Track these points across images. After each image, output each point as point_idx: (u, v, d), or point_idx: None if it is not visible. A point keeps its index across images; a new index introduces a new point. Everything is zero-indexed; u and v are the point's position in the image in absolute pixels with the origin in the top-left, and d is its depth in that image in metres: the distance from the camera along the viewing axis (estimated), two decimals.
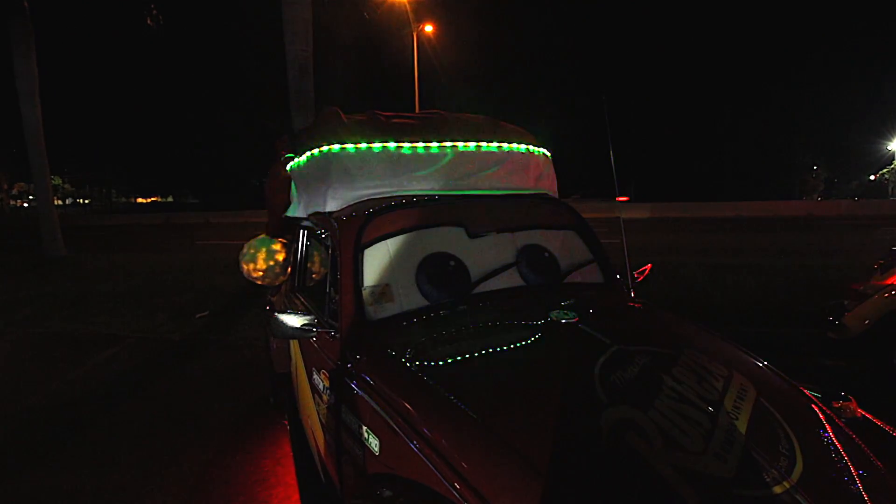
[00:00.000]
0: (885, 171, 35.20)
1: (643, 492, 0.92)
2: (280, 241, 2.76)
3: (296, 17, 8.76)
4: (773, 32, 35.07)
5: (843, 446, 1.12)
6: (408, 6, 19.32)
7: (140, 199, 61.50)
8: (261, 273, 2.69)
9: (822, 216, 22.25)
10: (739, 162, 35.64)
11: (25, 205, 56.85)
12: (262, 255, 2.67)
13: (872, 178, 38.25)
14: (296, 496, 2.44)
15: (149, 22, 11.61)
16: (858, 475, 1.04)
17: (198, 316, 6.25)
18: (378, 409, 1.31)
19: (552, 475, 0.94)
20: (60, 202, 52.26)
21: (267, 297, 3.51)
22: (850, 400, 1.36)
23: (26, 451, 3.03)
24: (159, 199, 60.79)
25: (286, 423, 3.17)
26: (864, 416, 1.37)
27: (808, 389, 1.38)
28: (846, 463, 1.07)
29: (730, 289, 6.66)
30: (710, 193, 29.50)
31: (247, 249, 2.73)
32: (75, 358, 4.82)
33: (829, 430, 1.17)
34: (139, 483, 2.64)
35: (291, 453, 2.84)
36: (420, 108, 20.42)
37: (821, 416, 1.22)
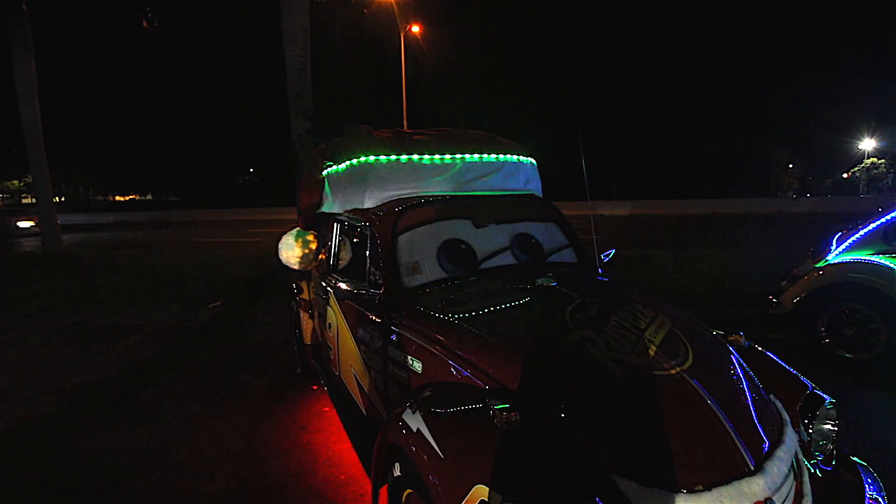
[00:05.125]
0: (856, 168, 36.70)
1: (592, 370, 1.56)
2: (313, 233, 3.32)
3: (294, 23, 9.17)
4: (750, 32, 36.33)
5: (724, 355, 1.75)
6: (395, 7, 19.79)
7: (118, 198, 60.30)
8: (297, 259, 3.24)
9: (794, 213, 23.37)
10: (717, 160, 36.89)
11: None
12: (298, 244, 3.22)
13: (845, 176, 39.74)
14: (333, 438, 3.00)
15: (144, 24, 11.93)
16: (731, 369, 1.68)
17: (211, 306, 6.70)
18: (419, 342, 1.91)
19: (538, 365, 1.56)
20: (36, 200, 51.12)
21: (294, 282, 4.06)
22: (741, 335, 1.99)
23: (88, 417, 3.45)
24: (138, 198, 59.73)
25: (314, 387, 3.73)
26: (751, 345, 2.01)
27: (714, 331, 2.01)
28: (724, 363, 1.70)
29: (694, 276, 7.40)
30: (689, 191, 30.67)
31: (286, 239, 3.28)
32: (103, 343, 5.19)
33: (716, 346, 1.80)
34: (198, 434, 3.15)
35: (323, 410, 3.40)
36: (408, 110, 20.93)
37: (714, 340, 1.85)
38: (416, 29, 22.11)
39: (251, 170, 49.84)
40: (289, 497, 2.47)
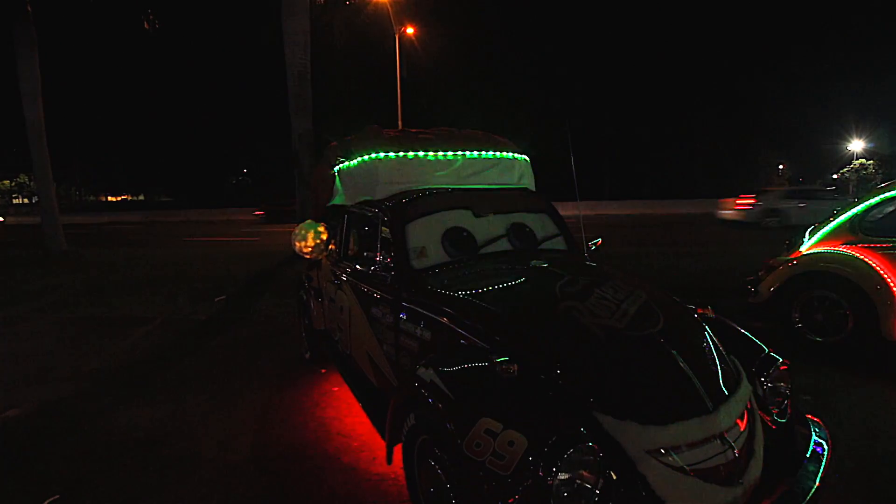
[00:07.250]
0: (845, 170, 37.33)
1: (577, 332, 1.83)
2: (323, 224, 3.58)
3: (295, 28, 9.44)
4: (743, 34, 36.96)
5: (691, 321, 2.03)
6: (389, 8, 20.06)
7: (110, 198, 59.93)
8: (310, 249, 3.50)
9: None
10: (708, 161, 37.53)
11: None
12: (311, 235, 3.48)
13: (835, 176, 40.37)
14: (344, 413, 3.25)
15: (146, 26, 12.12)
16: (697, 332, 1.96)
17: (216, 299, 6.91)
18: (428, 314, 2.18)
19: (532, 328, 1.84)
20: (27, 200, 51.01)
21: (303, 271, 4.31)
22: (709, 308, 2.27)
23: (109, 398, 3.65)
24: (130, 198, 59.42)
25: (323, 371, 3.98)
26: (718, 316, 2.29)
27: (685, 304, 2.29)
28: (691, 328, 1.98)
29: (682, 270, 7.72)
30: (680, 191, 31.18)
31: (299, 231, 3.54)
32: (115, 334, 5.35)
33: (685, 314, 2.08)
34: (218, 409, 3.38)
35: (333, 390, 3.64)
36: (403, 110, 21.22)
37: (684, 309, 2.13)
38: (410, 31, 22.41)
39: (245, 170, 49.93)
40: (307, 462, 2.71)
